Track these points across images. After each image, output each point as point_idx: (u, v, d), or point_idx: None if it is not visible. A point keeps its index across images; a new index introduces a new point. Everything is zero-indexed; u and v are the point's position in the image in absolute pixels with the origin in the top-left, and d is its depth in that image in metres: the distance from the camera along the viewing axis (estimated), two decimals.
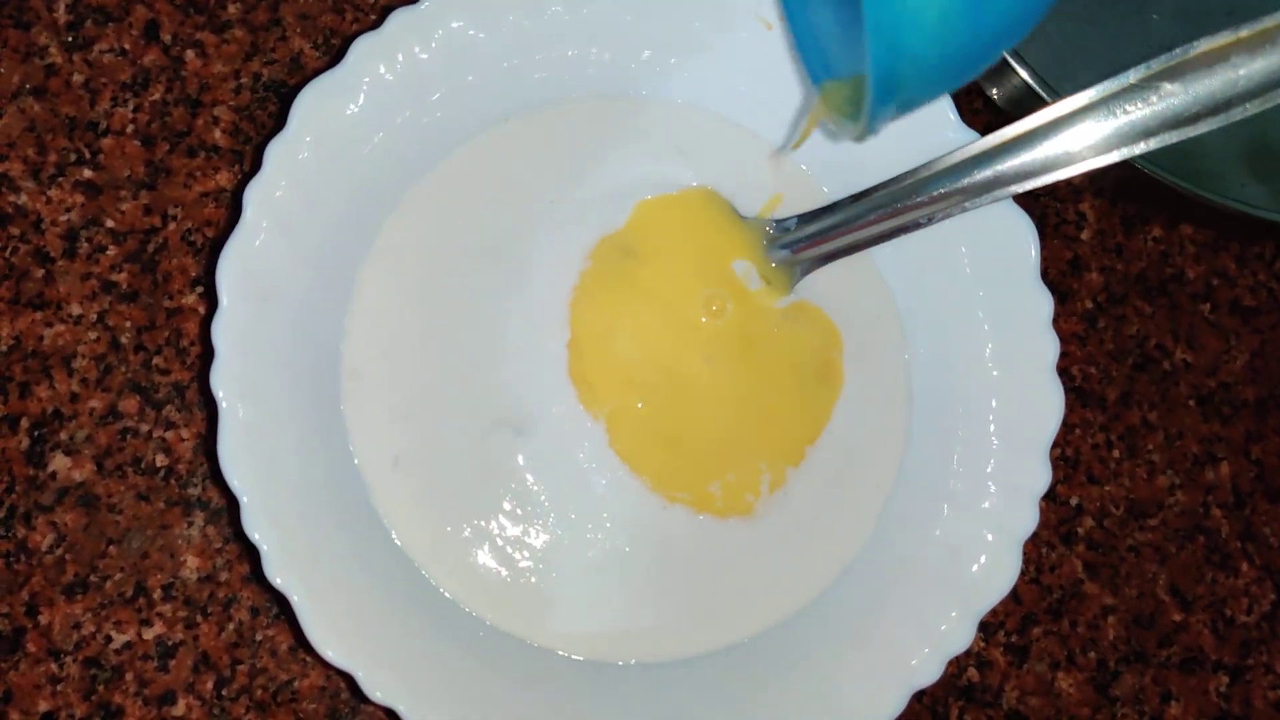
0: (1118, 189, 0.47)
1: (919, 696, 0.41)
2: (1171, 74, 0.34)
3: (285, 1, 0.42)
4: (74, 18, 0.41)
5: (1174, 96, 0.34)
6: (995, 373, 0.37)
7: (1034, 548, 0.43)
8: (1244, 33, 0.34)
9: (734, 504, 0.38)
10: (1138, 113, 0.35)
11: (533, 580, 0.37)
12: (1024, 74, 0.44)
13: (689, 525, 0.38)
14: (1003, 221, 0.37)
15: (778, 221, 0.40)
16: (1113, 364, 0.46)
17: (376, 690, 0.32)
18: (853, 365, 0.39)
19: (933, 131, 0.37)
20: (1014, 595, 0.43)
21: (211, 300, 0.39)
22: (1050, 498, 0.44)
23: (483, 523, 0.37)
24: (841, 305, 0.40)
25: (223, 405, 0.32)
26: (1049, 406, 0.36)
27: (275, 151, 0.34)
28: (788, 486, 0.38)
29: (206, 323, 0.40)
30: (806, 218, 0.39)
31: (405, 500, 0.37)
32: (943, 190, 0.36)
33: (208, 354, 0.39)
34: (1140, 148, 0.35)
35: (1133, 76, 0.35)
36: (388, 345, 0.37)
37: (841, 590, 0.38)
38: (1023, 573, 0.43)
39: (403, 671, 0.32)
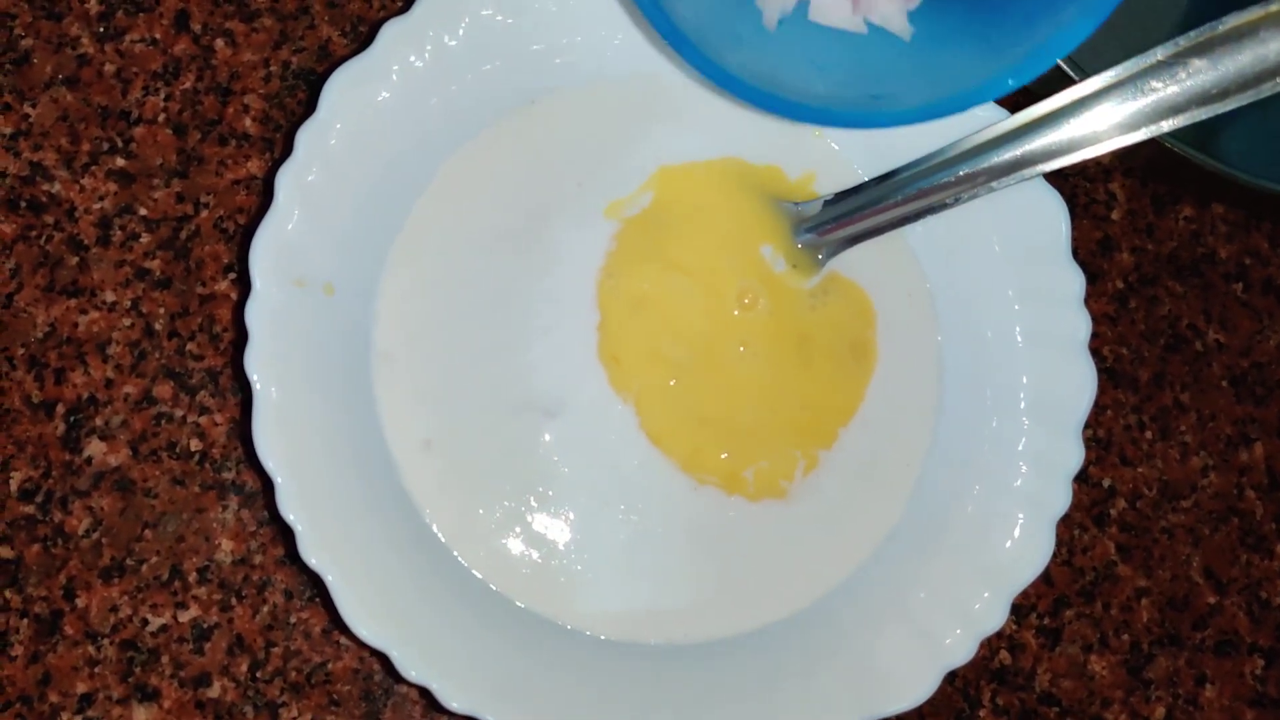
0: (1148, 168, 0.47)
1: (951, 679, 0.41)
2: (1200, 50, 0.34)
3: None
4: (105, 8, 0.41)
5: (1202, 73, 0.34)
6: (1026, 351, 0.37)
7: (1066, 529, 0.43)
8: (1274, 7, 0.33)
9: (767, 488, 0.38)
10: (1166, 89, 0.34)
11: (563, 562, 0.37)
12: None
13: (720, 507, 0.38)
14: (1033, 199, 0.37)
15: (803, 204, 0.40)
16: (1144, 344, 0.45)
17: (411, 670, 0.32)
18: (885, 344, 0.39)
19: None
20: (1046, 577, 0.43)
21: (244, 285, 0.40)
22: (1082, 479, 0.44)
23: (513, 505, 0.37)
24: (873, 282, 0.40)
25: (257, 388, 0.32)
26: (1081, 384, 0.35)
27: (306, 136, 0.34)
28: (820, 468, 0.38)
29: (239, 308, 0.40)
30: (833, 200, 0.39)
31: (436, 482, 0.37)
32: (969, 170, 0.36)
33: (240, 339, 0.40)
34: (1169, 124, 0.34)
35: (1160, 53, 0.34)
36: (417, 328, 0.37)
37: (873, 570, 0.38)
38: (1054, 554, 0.42)
39: (436, 651, 0.33)
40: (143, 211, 0.40)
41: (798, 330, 0.39)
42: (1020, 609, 0.42)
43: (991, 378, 0.38)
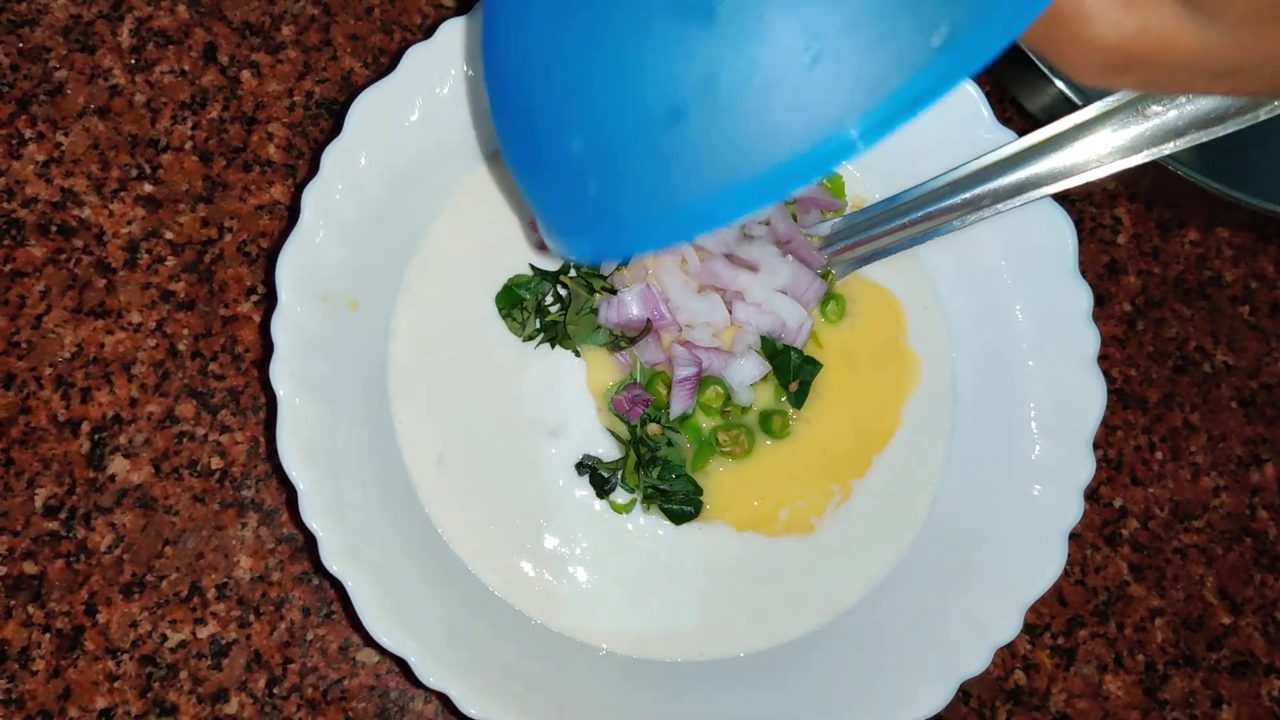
0: (1153, 193, 0.47)
1: (966, 699, 0.41)
2: None
3: (336, 23, 0.44)
4: (137, 41, 0.43)
5: (1201, 97, 0.35)
6: (1037, 366, 0.37)
7: (1078, 549, 0.43)
8: None
9: (797, 525, 0.39)
10: (1166, 114, 0.35)
11: (575, 581, 0.37)
12: (1059, 84, 0.44)
13: (735, 537, 0.38)
14: (1040, 217, 0.37)
15: (814, 226, 0.41)
16: (1153, 366, 0.46)
17: (429, 675, 0.32)
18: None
19: (968, 131, 0.38)
20: (1060, 597, 0.43)
21: (267, 306, 0.41)
22: (1094, 499, 0.44)
23: (525, 524, 0.38)
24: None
25: (281, 396, 0.33)
26: (1091, 397, 0.36)
27: (331, 156, 0.35)
28: (852, 499, 0.39)
29: (262, 327, 0.41)
30: (843, 221, 0.40)
31: (450, 499, 0.37)
32: (974, 194, 0.37)
33: (262, 359, 0.41)
34: (1169, 147, 0.35)
35: None
36: (432, 345, 0.38)
37: (891, 586, 0.38)
38: (1068, 574, 0.43)
39: (454, 658, 0.33)
40: (169, 236, 0.41)
41: (839, 348, 0.40)
42: (1034, 628, 0.42)
43: (1004, 393, 0.38)
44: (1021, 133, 0.37)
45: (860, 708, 0.34)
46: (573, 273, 0.39)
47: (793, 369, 0.38)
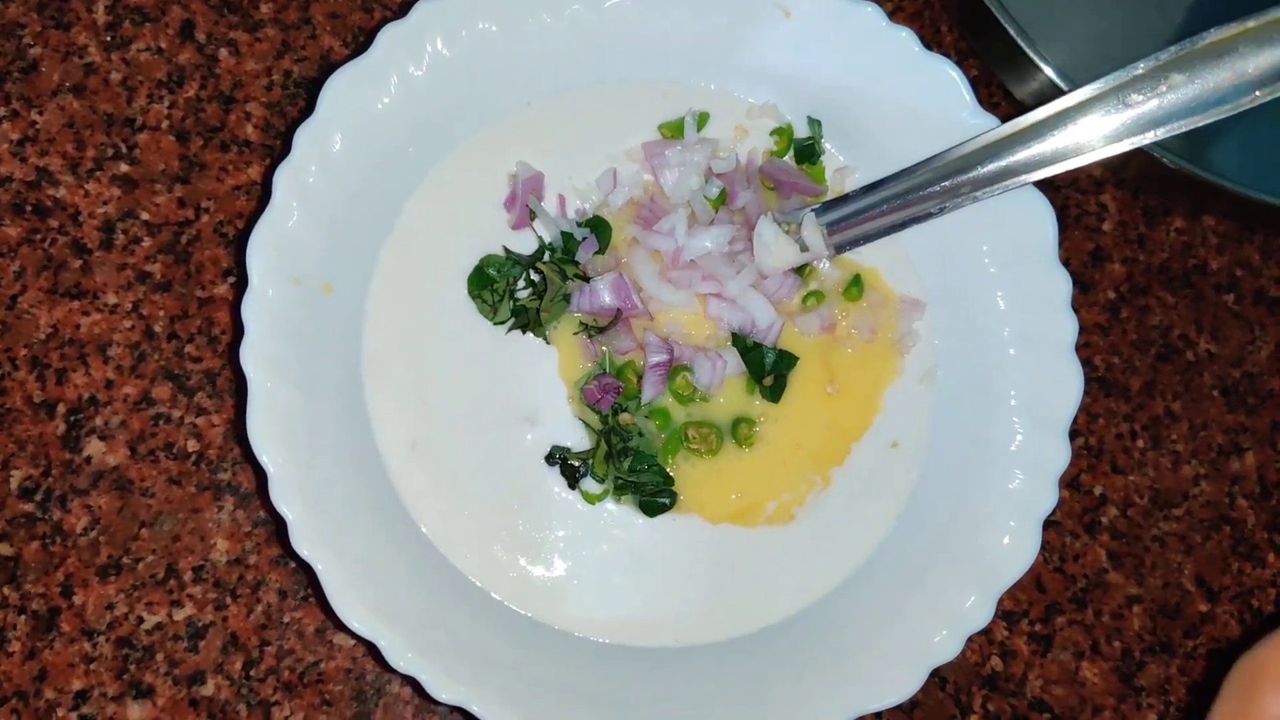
0: (1139, 180, 0.47)
1: (942, 685, 0.41)
2: (1179, 65, 0.34)
3: (316, 1, 0.43)
4: (112, 18, 0.42)
5: (1182, 86, 0.34)
6: (1016, 353, 0.37)
7: (1057, 536, 0.43)
8: (1251, 23, 0.34)
9: (780, 518, 0.39)
10: (1147, 103, 0.35)
11: (549, 568, 0.37)
12: (1048, 71, 0.44)
13: (710, 524, 0.38)
14: (1021, 205, 0.37)
15: (791, 213, 0.40)
16: (1136, 354, 0.46)
17: (400, 660, 0.32)
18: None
19: (950, 115, 0.37)
20: (1037, 584, 0.43)
21: (242, 287, 0.40)
22: (1074, 487, 0.44)
23: (498, 510, 0.37)
24: None
25: (252, 379, 0.33)
26: (1068, 385, 0.36)
27: (304, 137, 0.34)
28: (831, 487, 0.39)
29: (237, 309, 0.41)
30: (821, 208, 0.40)
31: (424, 484, 0.37)
32: (954, 181, 0.37)
33: (238, 340, 0.40)
34: (1150, 137, 0.35)
35: (1141, 67, 0.35)
36: (406, 328, 0.38)
37: (866, 573, 0.38)
38: (1046, 561, 0.43)
39: (426, 643, 0.33)
40: (145, 216, 0.41)
41: (817, 340, 0.40)
42: (1012, 615, 0.42)
43: (983, 380, 0.38)
44: (1004, 119, 0.37)
45: (832, 693, 0.34)
46: (546, 257, 0.38)
47: (766, 365, 0.38)
